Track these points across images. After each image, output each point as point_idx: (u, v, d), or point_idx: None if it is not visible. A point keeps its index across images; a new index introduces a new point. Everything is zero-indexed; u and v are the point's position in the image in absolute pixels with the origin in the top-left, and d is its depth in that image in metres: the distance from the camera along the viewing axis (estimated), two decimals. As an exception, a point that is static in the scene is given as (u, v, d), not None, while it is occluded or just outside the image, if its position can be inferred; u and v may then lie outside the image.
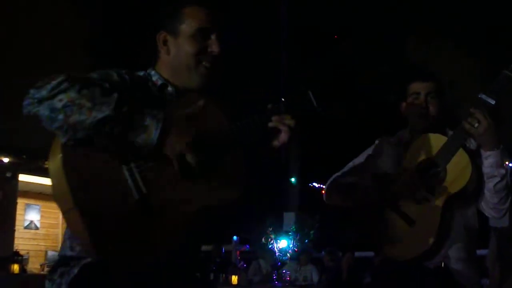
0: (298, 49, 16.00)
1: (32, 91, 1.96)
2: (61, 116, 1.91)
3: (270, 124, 2.24)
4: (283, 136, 2.25)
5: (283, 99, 2.31)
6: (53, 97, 1.92)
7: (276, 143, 2.26)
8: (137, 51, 2.35)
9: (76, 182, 1.92)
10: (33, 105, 1.94)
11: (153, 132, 1.95)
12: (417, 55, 14.31)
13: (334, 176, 3.40)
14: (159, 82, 2.31)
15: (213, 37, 2.30)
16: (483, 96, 2.88)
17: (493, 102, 2.87)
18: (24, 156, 11.72)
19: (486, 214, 3.11)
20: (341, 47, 15.59)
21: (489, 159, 2.94)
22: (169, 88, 2.31)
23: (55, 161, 1.96)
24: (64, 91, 1.92)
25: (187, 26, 2.29)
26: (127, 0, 12.64)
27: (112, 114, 1.92)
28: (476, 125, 2.85)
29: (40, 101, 1.93)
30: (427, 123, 3.17)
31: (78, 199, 1.89)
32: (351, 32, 15.77)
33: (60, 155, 1.95)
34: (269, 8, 15.26)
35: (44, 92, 1.93)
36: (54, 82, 1.94)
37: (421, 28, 14.32)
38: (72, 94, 1.92)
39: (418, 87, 3.21)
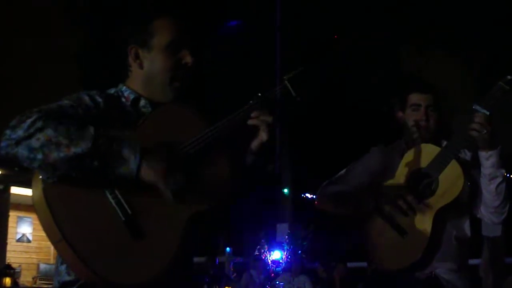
0: (293, 54, 16.01)
1: (8, 132, 1.93)
2: (40, 156, 1.90)
3: (249, 122, 2.25)
4: (262, 134, 2.25)
5: (259, 94, 2.29)
6: (30, 136, 1.90)
7: (256, 142, 2.27)
8: (123, 65, 2.30)
9: (61, 213, 1.92)
10: (11, 147, 1.92)
11: (131, 164, 1.96)
12: (410, 65, 14.37)
13: (327, 182, 3.40)
14: (131, 96, 2.28)
15: (185, 48, 2.29)
16: (478, 107, 2.88)
17: (487, 113, 2.86)
18: (16, 169, 11.69)
19: (486, 220, 3.10)
20: (334, 54, 15.63)
21: (490, 160, 2.93)
22: (142, 102, 2.28)
23: (37, 194, 1.97)
24: (41, 129, 1.91)
25: (158, 39, 2.26)
26: (115, 14, 12.66)
27: (89, 148, 1.92)
28: (484, 131, 2.85)
29: (18, 142, 1.91)
30: (427, 136, 3.17)
31: (65, 231, 1.90)
32: (345, 39, 15.81)
33: (41, 188, 1.95)
34: (264, 12, 15.29)
35: (20, 132, 1.91)
36: (29, 121, 1.92)
37: (413, 39, 14.39)
38: (48, 132, 1.91)
39: (418, 99, 3.20)
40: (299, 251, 15.07)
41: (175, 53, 2.27)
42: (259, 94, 2.29)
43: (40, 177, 1.97)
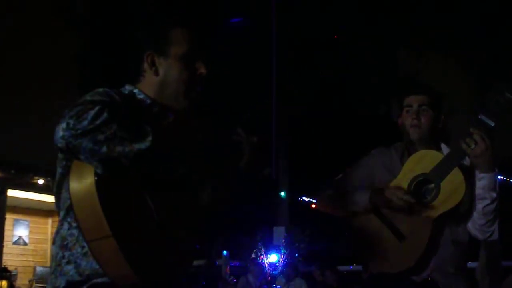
0: (289, 59, 16.02)
1: (71, 121, 1.88)
2: (104, 149, 1.86)
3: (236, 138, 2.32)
4: (245, 156, 2.29)
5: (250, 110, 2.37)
6: (96, 129, 1.87)
7: (242, 163, 2.31)
8: (125, 66, 2.30)
9: (110, 209, 1.89)
10: (75, 137, 1.87)
11: (181, 167, 2.04)
12: (409, 66, 14.35)
13: (326, 184, 3.41)
14: (147, 101, 2.28)
15: (201, 58, 2.30)
16: (483, 117, 2.88)
17: (492, 124, 2.88)
18: (13, 171, 11.66)
19: (472, 234, 3.12)
20: (332, 57, 15.63)
21: (482, 181, 2.96)
22: (156, 107, 2.29)
23: (85, 187, 1.92)
24: (105, 122, 1.89)
25: (176, 49, 2.26)
26: (116, 14, 12.64)
27: (151, 145, 1.91)
28: (473, 146, 2.86)
29: (84, 133, 1.87)
30: (419, 134, 3.18)
31: (114, 227, 1.87)
32: (342, 42, 15.82)
33: (93, 180, 1.91)
34: (260, 17, 15.28)
35: (85, 123, 1.87)
36: (92, 112, 1.89)
37: (412, 40, 14.38)
38: (113, 125, 1.89)
39: (411, 100, 3.23)
40: (296, 254, 15.08)
41: (191, 64, 2.29)
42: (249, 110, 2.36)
43: (91, 169, 1.92)
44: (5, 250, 12.36)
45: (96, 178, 1.91)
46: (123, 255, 1.86)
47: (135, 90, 2.31)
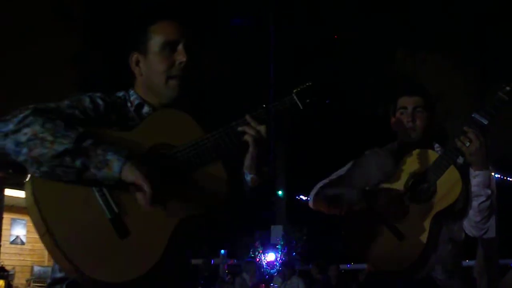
0: (288, 59, 16.02)
1: (0, 125, 2.00)
2: (25, 150, 1.96)
3: (240, 130, 2.27)
4: (251, 148, 2.27)
5: (264, 105, 2.33)
6: (18, 131, 1.97)
7: (247, 157, 2.29)
8: (123, 67, 2.33)
9: (47, 208, 1.96)
10: (0, 139, 1.98)
11: (114, 167, 1.97)
12: (405, 67, 14.36)
13: (320, 183, 3.41)
14: (136, 102, 2.31)
15: (179, 47, 2.29)
16: (477, 116, 2.91)
17: (486, 122, 2.90)
18: (10, 171, 11.66)
19: (467, 232, 3.14)
20: (331, 57, 15.62)
21: (477, 178, 2.98)
22: (146, 108, 2.31)
23: (27, 190, 2.01)
24: (28, 125, 1.98)
25: (154, 42, 2.29)
26: (113, 15, 12.65)
27: (72, 147, 1.95)
28: (468, 144, 2.88)
29: (6, 134, 1.98)
30: (414, 136, 3.20)
31: (50, 225, 1.93)
32: (339, 44, 15.82)
33: (31, 183, 2.00)
34: (258, 20, 15.28)
35: (10, 126, 1.98)
36: (20, 116, 1.99)
37: (408, 41, 14.39)
38: (36, 127, 1.97)
39: (406, 102, 3.24)
40: (293, 253, 15.10)
41: (170, 54, 2.29)
42: (264, 105, 2.33)
43: (30, 174, 2.01)
44: (2, 249, 12.37)
45: (32, 180, 2.01)
46: (59, 250, 1.91)
47: (130, 92, 2.35)
